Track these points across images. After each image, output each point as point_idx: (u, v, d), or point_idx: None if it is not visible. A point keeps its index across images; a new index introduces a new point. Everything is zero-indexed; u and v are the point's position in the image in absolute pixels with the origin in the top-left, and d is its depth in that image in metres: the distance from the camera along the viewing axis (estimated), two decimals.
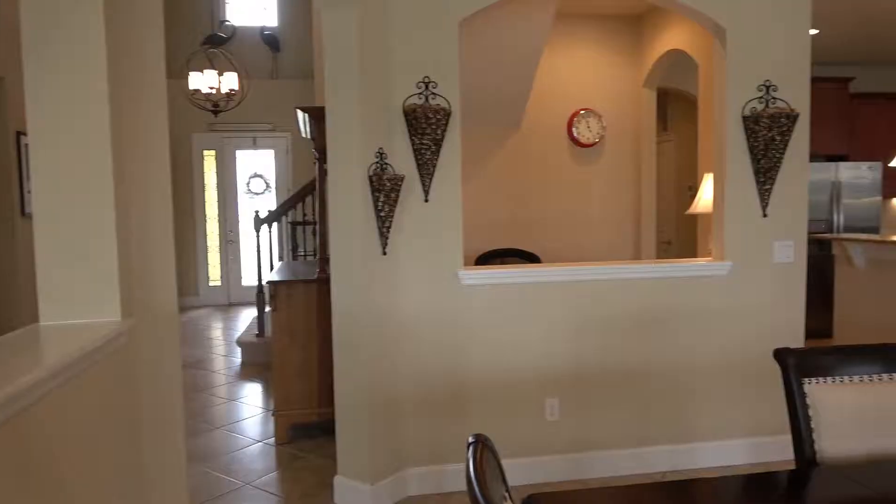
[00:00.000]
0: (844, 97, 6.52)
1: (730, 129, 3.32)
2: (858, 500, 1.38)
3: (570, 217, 5.36)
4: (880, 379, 1.74)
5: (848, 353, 1.76)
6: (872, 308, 4.90)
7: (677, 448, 3.38)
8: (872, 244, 4.87)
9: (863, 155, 6.66)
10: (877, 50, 6.32)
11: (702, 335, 3.37)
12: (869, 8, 4.92)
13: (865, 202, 6.41)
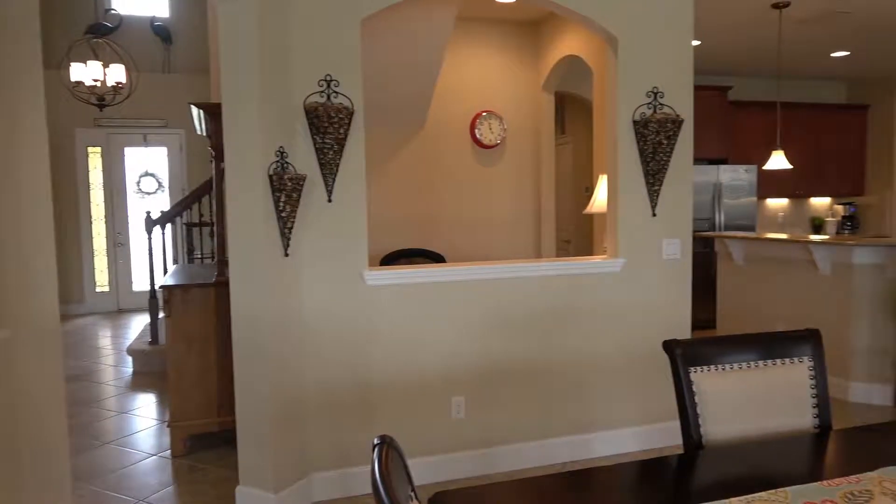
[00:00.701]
0: (724, 105, 7.02)
1: (622, 133, 3.48)
2: (741, 479, 1.48)
3: (474, 217, 5.45)
4: (757, 365, 1.88)
5: (729, 342, 1.89)
6: (750, 300, 5.31)
7: (577, 439, 3.52)
8: (749, 241, 5.27)
9: (740, 159, 7.20)
10: (751, 62, 6.85)
11: (599, 329, 3.53)
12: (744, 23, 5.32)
13: (743, 202, 6.93)
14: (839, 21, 5.31)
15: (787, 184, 7.57)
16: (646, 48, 3.50)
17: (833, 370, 4.55)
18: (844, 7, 4.92)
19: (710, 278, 6.66)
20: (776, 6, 4.85)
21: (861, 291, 4.40)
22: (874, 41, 6.02)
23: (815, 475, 1.50)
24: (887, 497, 1.36)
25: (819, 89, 8.09)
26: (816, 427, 1.88)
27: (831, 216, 8.09)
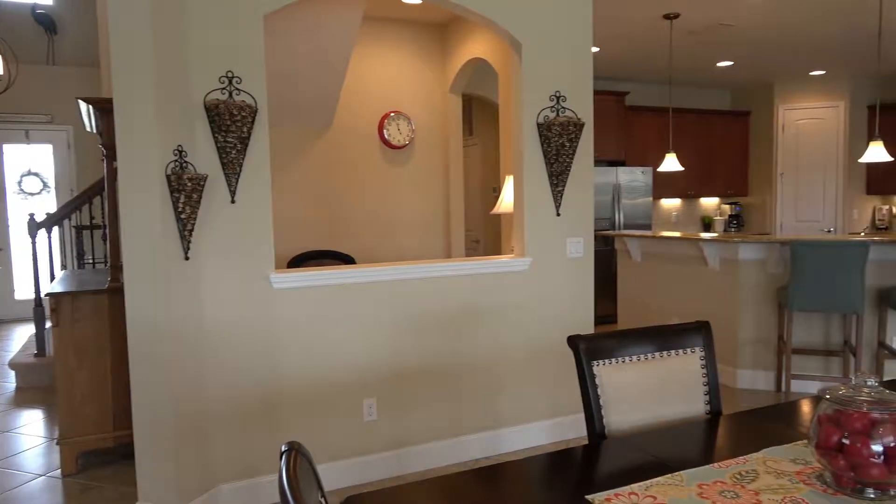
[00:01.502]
0: (621, 109, 7.35)
1: (526, 135, 3.58)
2: (641, 465, 1.56)
3: (384, 218, 5.43)
4: (654, 357, 1.99)
5: (628, 336, 1.98)
6: (648, 295, 5.59)
7: (489, 435, 3.58)
8: (646, 239, 5.55)
9: (637, 161, 7.57)
10: (646, 69, 7.22)
11: (507, 327, 3.60)
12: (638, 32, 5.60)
13: (640, 202, 7.29)
14: (724, 33, 5.69)
15: (679, 185, 8.03)
16: (548, 53, 3.61)
17: (722, 359, 4.87)
18: (728, 20, 5.28)
19: (611, 275, 6.96)
20: (667, 17, 5.13)
21: (746, 285, 4.73)
22: (754, 52, 6.50)
23: (707, 458, 1.59)
24: (770, 475, 1.47)
25: (706, 96, 8.64)
26: (708, 413, 2.00)
27: (719, 215, 8.65)
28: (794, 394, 4.54)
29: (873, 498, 1.35)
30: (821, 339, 4.64)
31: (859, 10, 5.04)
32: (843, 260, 4.04)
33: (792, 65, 7.14)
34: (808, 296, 4.15)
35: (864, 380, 1.42)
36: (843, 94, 7.91)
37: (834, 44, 6.17)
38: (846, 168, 7.96)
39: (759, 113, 8.43)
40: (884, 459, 1.32)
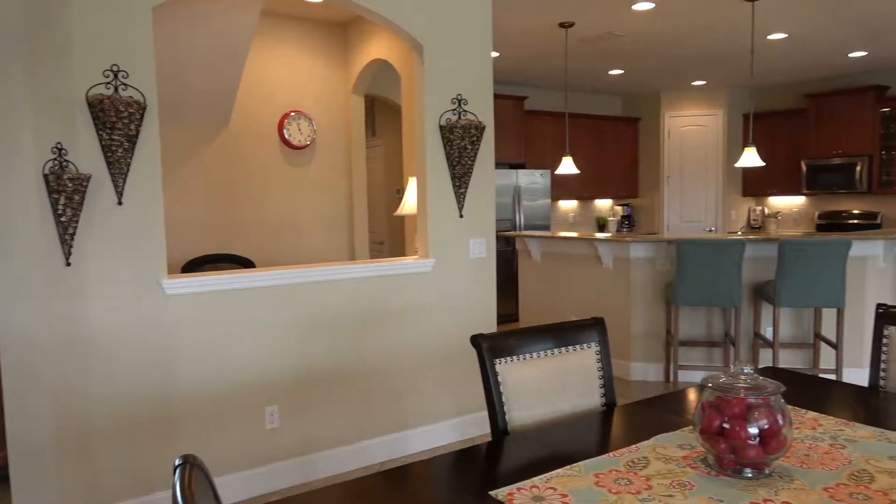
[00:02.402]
0: (520, 113, 7.56)
1: (429, 138, 3.60)
2: (542, 459, 1.61)
3: (285, 220, 5.29)
4: (553, 353, 2.06)
5: (528, 334, 2.04)
6: (547, 293, 5.77)
7: (395, 437, 3.57)
8: (545, 239, 5.73)
9: (536, 164, 7.81)
10: (543, 75, 7.46)
11: (412, 328, 3.61)
12: (536, 39, 5.78)
13: (539, 204, 7.52)
14: (615, 43, 5.98)
15: (576, 187, 8.35)
16: (450, 57, 3.65)
17: (616, 353, 5.11)
18: (619, 31, 5.55)
19: (513, 274, 7.14)
20: (563, 25, 5.33)
21: (637, 282, 4.99)
22: (643, 62, 6.87)
23: (603, 448, 1.67)
24: (660, 461, 1.56)
25: (600, 102, 9.04)
26: (603, 405, 2.10)
27: (613, 216, 9.08)
28: (681, 383, 4.84)
29: (750, 477, 1.46)
30: (704, 331, 4.97)
31: (734, 28, 5.44)
32: (723, 257, 4.35)
33: (676, 75, 7.61)
34: (693, 291, 4.43)
35: (741, 368, 1.53)
36: (721, 104, 8.52)
37: (713, 57, 6.63)
38: (725, 172, 8.58)
39: (647, 119, 8.92)
40: (759, 441, 1.44)
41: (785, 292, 4.30)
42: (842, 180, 7.65)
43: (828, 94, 7.74)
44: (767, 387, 1.47)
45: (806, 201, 8.37)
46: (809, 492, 1.38)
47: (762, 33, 5.74)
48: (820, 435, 1.70)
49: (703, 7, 4.92)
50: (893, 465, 1.50)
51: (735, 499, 1.36)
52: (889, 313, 2.20)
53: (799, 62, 7.02)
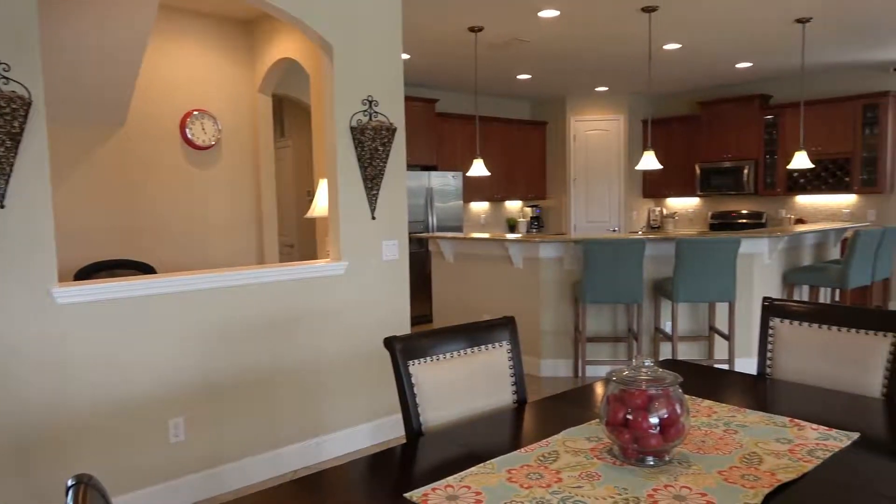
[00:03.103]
0: (432, 115, 7.61)
1: (340, 139, 3.56)
2: (456, 458, 1.62)
3: (189, 223, 5.07)
4: (466, 353, 2.08)
5: (441, 334, 2.06)
6: (461, 294, 5.84)
7: (309, 444, 3.50)
8: (457, 241, 5.80)
9: (448, 166, 7.88)
10: (454, 78, 7.54)
11: (325, 332, 3.56)
12: (446, 42, 5.83)
13: (451, 205, 7.59)
14: (522, 48, 6.13)
15: (487, 189, 8.50)
16: (360, 57, 3.62)
17: (527, 350, 5.24)
18: (525, 37, 5.70)
19: (426, 275, 7.18)
20: (472, 30, 5.41)
21: (546, 281, 5.13)
22: (549, 68, 7.08)
23: (515, 444, 1.70)
24: (569, 454, 1.61)
25: (509, 106, 9.24)
26: (515, 402, 2.14)
27: (522, 217, 9.30)
28: (589, 378, 5.02)
29: (652, 465, 1.53)
30: (610, 327, 5.18)
31: (633, 37, 5.71)
32: (625, 256, 4.56)
33: (580, 81, 7.90)
34: (598, 289, 4.61)
35: (642, 361, 1.61)
36: (622, 109, 8.92)
37: (614, 64, 6.93)
38: (626, 174, 8.98)
39: (554, 123, 9.21)
40: (660, 430, 1.51)
41: (682, 288, 4.55)
42: (731, 183, 8.19)
43: (718, 101, 8.27)
44: (666, 378, 1.55)
45: (700, 202, 8.90)
46: (706, 475, 1.47)
47: (658, 43, 6.05)
48: (714, 422, 1.81)
49: (604, 16, 5.13)
50: (779, 447, 1.62)
51: (638, 486, 1.42)
52: (774, 306, 2.38)
53: (692, 71, 7.46)
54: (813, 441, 1.65)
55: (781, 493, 1.38)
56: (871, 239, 5.14)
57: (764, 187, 7.98)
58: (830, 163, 7.36)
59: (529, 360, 5.22)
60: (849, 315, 2.21)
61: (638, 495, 1.38)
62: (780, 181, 7.82)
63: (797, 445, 1.62)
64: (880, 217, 7.30)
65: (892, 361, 2.06)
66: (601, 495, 1.38)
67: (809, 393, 2.09)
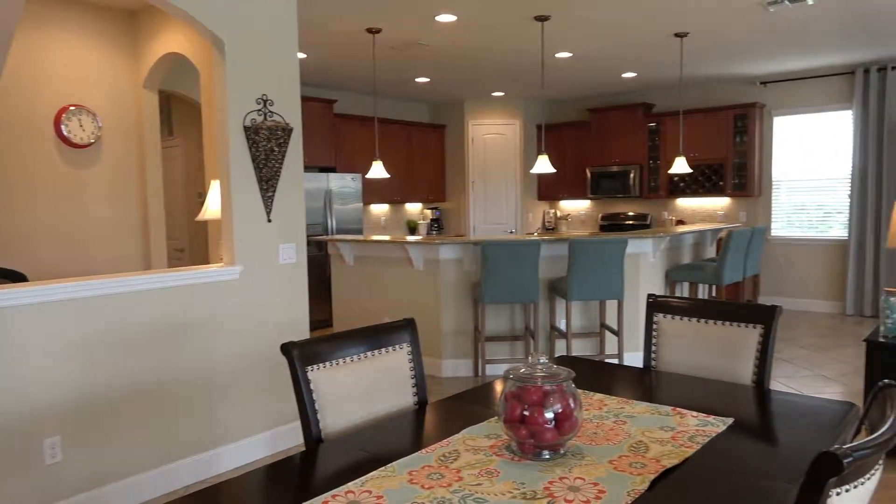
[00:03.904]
0: (330, 116, 7.50)
1: (233, 138, 3.43)
2: (357, 463, 1.61)
3: (67, 227, 4.71)
4: (366, 356, 2.06)
5: (341, 338, 2.03)
6: (361, 297, 5.79)
7: (203, 457, 3.35)
8: (357, 243, 5.74)
9: (347, 167, 7.79)
10: (353, 79, 7.47)
11: (219, 340, 3.41)
12: (344, 42, 5.77)
13: (351, 208, 7.52)
14: (421, 51, 6.17)
15: (386, 191, 8.48)
16: (253, 54, 3.51)
17: (428, 351, 5.27)
18: (424, 40, 5.74)
19: (326, 279, 7.06)
20: (370, 31, 5.38)
21: (447, 283, 5.19)
22: (447, 72, 7.17)
23: (416, 446, 1.71)
24: (469, 452, 1.64)
25: (408, 108, 9.28)
26: (416, 403, 2.15)
27: (423, 219, 9.35)
28: (489, 377, 5.12)
29: (548, 458, 1.58)
30: (508, 326, 5.31)
31: (526, 44, 5.90)
32: (522, 257, 4.69)
33: (478, 85, 8.05)
34: (497, 289, 4.72)
35: (537, 359, 1.66)
36: (518, 114, 9.18)
37: (509, 70, 7.12)
38: (522, 177, 9.25)
39: (452, 126, 9.33)
40: (555, 424, 1.56)
41: (575, 287, 4.74)
42: (619, 186, 8.63)
43: (606, 109, 8.69)
44: (560, 374, 1.61)
45: (591, 204, 9.31)
46: (598, 465, 1.53)
47: (551, 51, 6.28)
48: (605, 414, 1.90)
49: (499, 23, 5.26)
50: (663, 435, 1.72)
51: (535, 480, 1.47)
52: (657, 302, 2.53)
53: (582, 79, 7.80)
54: (693, 427, 1.77)
55: (666, 478, 1.47)
56: (742, 238, 5.57)
57: (648, 191, 8.47)
58: (707, 168, 7.93)
59: (431, 361, 5.26)
60: (723, 309, 2.38)
61: (535, 489, 1.42)
62: (663, 185, 8.33)
63: (679, 432, 1.73)
64: (750, 218, 7.94)
65: (761, 351, 2.25)
66: (500, 491, 1.41)
67: (690, 383, 2.24)
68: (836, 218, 7.46)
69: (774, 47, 6.26)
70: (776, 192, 7.80)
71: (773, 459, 1.60)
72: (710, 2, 4.78)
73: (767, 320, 2.26)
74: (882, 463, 1.23)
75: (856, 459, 1.04)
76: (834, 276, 7.48)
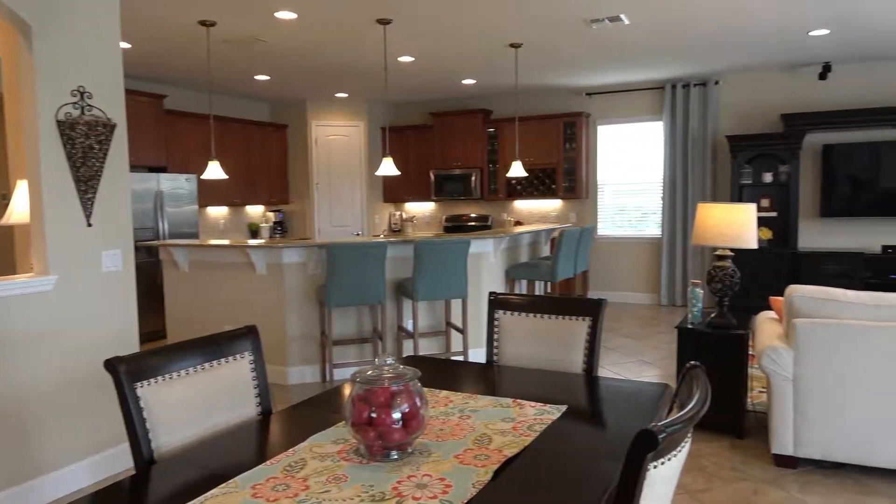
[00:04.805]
0: (160, 112, 6.98)
1: (44, 134, 3.09)
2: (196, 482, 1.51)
3: None
4: (204, 368, 1.95)
5: (175, 350, 1.90)
6: (199, 305, 5.45)
7: (15, 492, 2.97)
8: (193, 248, 5.40)
9: (180, 167, 7.31)
10: (186, 73, 7.02)
11: (33, 359, 3.05)
12: (174, 34, 5.40)
13: (186, 210, 7.06)
14: (260, 48, 5.94)
15: (225, 193, 8.07)
16: (68, 41, 3.18)
17: (273, 359, 5.09)
18: (263, 36, 5.53)
19: (158, 288, 6.57)
20: (203, 24, 5.09)
21: (291, 287, 5.05)
22: (288, 70, 6.98)
23: (260, 458, 1.64)
24: (316, 459, 1.61)
25: (248, 107, 8.90)
26: (260, 414, 2.07)
27: (265, 222, 9.02)
28: (337, 381, 5.06)
29: (396, 458, 1.59)
30: (356, 329, 5.27)
31: (370, 46, 5.90)
32: (368, 259, 4.69)
33: (321, 85, 7.92)
34: (343, 292, 4.67)
35: (384, 360, 1.66)
36: (362, 116, 9.15)
37: (352, 71, 7.08)
38: (368, 179, 9.25)
39: (295, 126, 9.10)
40: (402, 424, 1.58)
41: (421, 288, 4.83)
42: (461, 189, 8.92)
43: (448, 113, 8.95)
44: (407, 374, 1.63)
45: (435, 207, 9.53)
46: (444, 461, 1.57)
47: (394, 54, 6.34)
48: (451, 410, 1.95)
49: (342, 23, 5.22)
50: (505, 426, 1.80)
51: (384, 481, 1.47)
52: (498, 300, 2.64)
53: (425, 83, 7.96)
54: (531, 417, 1.87)
55: (508, 467, 1.54)
56: (572, 238, 6.00)
57: (489, 193, 8.84)
58: (541, 172, 8.44)
59: (276, 368, 5.08)
60: (556, 304, 2.55)
61: (383, 490, 1.42)
62: (502, 187, 8.73)
63: (519, 423, 1.82)
64: (579, 219, 8.57)
65: (590, 342, 2.44)
66: (348, 496, 1.40)
67: (528, 375, 2.37)
68: (651, 218, 8.28)
69: (598, 62, 6.81)
70: (601, 194, 8.49)
71: (602, 440, 1.74)
72: (541, 16, 5.09)
73: (594, 313, 2.45)
74: (690, 436, 1.38)
75: (668, 435, 1.16)
76: (650, 271, 8.29)
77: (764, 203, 7.32)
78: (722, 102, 7.73)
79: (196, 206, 7.18)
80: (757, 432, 3.74)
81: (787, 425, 3.20)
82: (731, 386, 3.65)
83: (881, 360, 2.99)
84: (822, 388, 3.10)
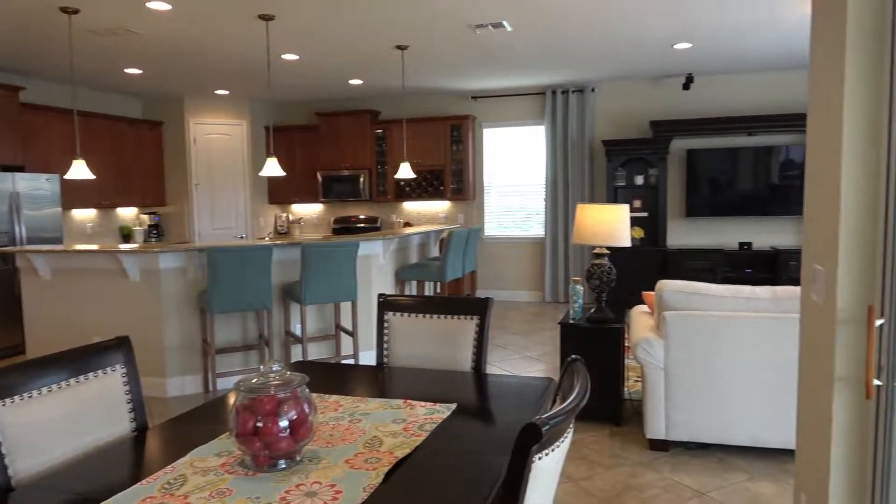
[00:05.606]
0: (15, 106, 6.37)
1: None
2: None
3: None
4: (69, 384, 1.80)
5: (34, 367, 1.73)
6: (63, 316, 5.03)
7: None
8: (56, 255, 4.98)
9: (40, 166, 6.71)
10: (46, 64, 6.45)
11: None
12: (31, 21, 4.95)
13: (47, 213, 6.49)
14: (131, 39, 5.57)
15: (93, 194, 7.50)
16: None
17: (150, 371, 4.79)
18: (134, 27, 5.19)
19: (15, 298, 6.00)
20: (65, 10, 4.70)
21: (168, 294, 4.77)
22: (163, 64, 6.59)
23: (135, 478, 1.54)
24: (198, 475, 1.53)
25: (117, 102, 8.32)
26: (135, 430, 1.94)
27: (139, 225, 8.47)
28: (220, 391, 4.84)
29: (284, 468, 1.55)
30: (240, 335, 5.07)
31: (252, 42, 5.70)
32: (252, 263, 4.52)
33: (199, 81, 7.55)
34: (226, 298, 4.48)
35: (270, 367, 1.61)
36: (244, 114, 8.82)
37: (234, 68, 6.81)
38: (252, 180, 8.92)
39: (171, 124, 8.61)
40: (290, 432, 1.54)
41: (309, 291, 4.72)
42: (350, 190, 8.83)
43: (335, 114, 8.82)
44: (294, 380, 1.59)
45: (323, 208, 9.36)
46: (334, 467, 1.55)
47: (277, 52, 6.16)
48: (341, 414, 1.92)
49: (221, 17, 5.00)
50: (396, 427, 1.80)
51: (271, 492, 1.43)
52: (387, 301, 2.64)
53: (311, 83, 7.79)
54: (422, 417, 1.88)
55: (399, 468, 1.54)
56: (460, 238, 6.10)
57: (378, 194, 8.80)
58: (429, 173, 8.51)
59: (153, 381, 4.79)
60: (445, 304, 2.58)
61: (271, 501, 1.38)
62: (391, 189, 8.73)
63: (410, 423, 1.83)
64: (467, 220, 8.73)
65: (477, 340, 2.49)
66: None
67: (419, 374, 2.38)
68: (535, 219, 8.59)
69: (482, 66, 6.97)
70: (487, 195, 8.70)
71: (490, 436, 1.78)
72: (426, 18, 5.14)
73: (482, 312, 2.50)
74: (573, 427, 1.44)
75: (552, 427, 1.21)
76: (535, 269, 8.60)
77: (636, 204, 7.81)
78: (598, 109, 8.16)
79: (59, 208, 6.62)
80: (633, 419, 3.98)
81: (660, 411, 3.43)
82: (609, 376, 3.86)
83: (737, 348, 3.28)
84: (689, 375, 3.35)
